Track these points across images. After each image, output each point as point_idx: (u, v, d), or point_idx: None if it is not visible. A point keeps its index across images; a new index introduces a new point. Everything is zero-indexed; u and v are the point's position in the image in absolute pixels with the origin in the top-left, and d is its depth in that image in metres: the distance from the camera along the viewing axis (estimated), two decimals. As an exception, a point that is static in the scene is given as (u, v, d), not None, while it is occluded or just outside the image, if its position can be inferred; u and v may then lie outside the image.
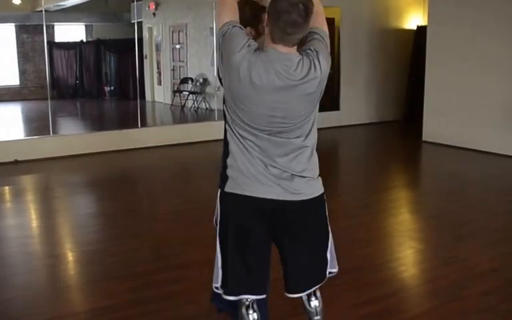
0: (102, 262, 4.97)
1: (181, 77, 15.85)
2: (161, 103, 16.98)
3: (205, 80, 14.76)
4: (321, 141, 2.85)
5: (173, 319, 3.86)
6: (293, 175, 2.64)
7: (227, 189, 2.68)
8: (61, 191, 7.82)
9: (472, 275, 4.65)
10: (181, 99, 15.46)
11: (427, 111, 10.53)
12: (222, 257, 2.70)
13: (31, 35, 19.18)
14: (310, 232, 2.76)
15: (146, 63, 17.55)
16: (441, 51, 10.17)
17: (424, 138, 10.51)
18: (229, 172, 2.67)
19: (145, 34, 17.53)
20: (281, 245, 2.77)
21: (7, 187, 7.93)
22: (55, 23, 18.85)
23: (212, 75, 14.32)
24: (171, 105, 15.98)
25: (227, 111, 2.65)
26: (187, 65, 15.88)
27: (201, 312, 3.80)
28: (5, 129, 12.92)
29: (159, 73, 17.45)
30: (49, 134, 9.85)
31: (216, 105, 13.43)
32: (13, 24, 18.80)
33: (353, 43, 12.11)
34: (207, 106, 14.51)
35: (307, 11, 2.46)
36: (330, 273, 2.86)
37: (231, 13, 2.63)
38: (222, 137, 2.78)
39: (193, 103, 14.87)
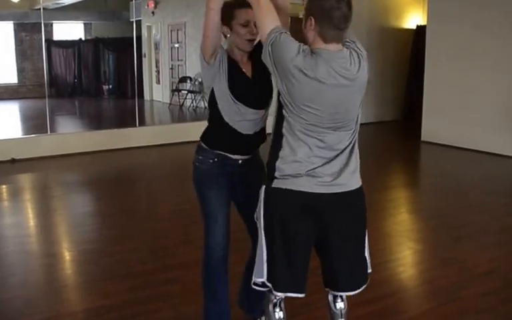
0: (99, 261, 4.95)
1: (180, 76, 15.84)
2: (160, 101, 16.96)
3: (204, 79, 14.75)
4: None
5: (170, 319, 3.83)
6: (342, 168, 2.65)
7: (276, 185, 2.64)
8: (58, 189, 7.80)
9: (471, 276, 4.64)
10: (179, 98, 15.45)
11: (426, 110, 10.52)
12: (268, 253, 2.67)
13: (29, 33, 19.14)
14: (354, 224, 2.77)
15: (145, 61, 17.53)
16: (440, 50, 10.16)
17: (423, 138, 10.50)
18: (282, 168, 2.63)
19: (144, 32, 17.51)
20: (327, 241, 2.72)
21: (4, 186, 7.90)
22: (54, 21, 18.83)
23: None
24: (170, 103, 15.96)
25: (288, 114, 2.59)
26: (185, 63, 15.86)
27: (199, 313, 3.75)
28: (2, 127, 12.88)
29: (158, 72, 17.43)
30: (47, 132, 9.82)
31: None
32: (11, 22, 18.76)
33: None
34: (206, 105, 14.44)
35: (351, 2, 2.52)
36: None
37: (273, 18, 2.61)
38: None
39: (192, 102, 14.86)
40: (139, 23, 17.15)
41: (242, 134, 3.09)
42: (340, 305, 2.89)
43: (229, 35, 3.07)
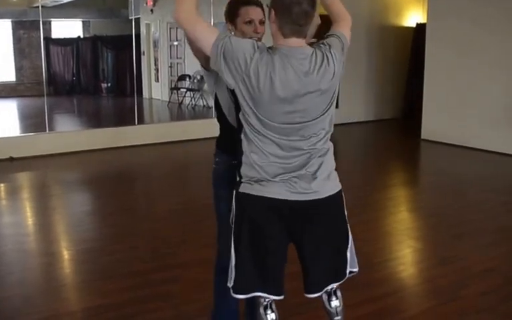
0: (98, 260, 4.93)
1: (179, 74, 15.83)
2: (158, 100, 16.94)
3: (203, 77, 14.70)
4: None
5: (171, 319, 3.82)
6: (311, 174, 2.60)
7: (242, 189, 2.61)
8: (56, 188, 7.78)
9: (471, 275, 4.63)
10: (178, 96, 15.43)
11: (426, 108, 10.50)
12: (235, 256, 2.63)
13: (27, 31, 19.13)
14: (329, 230, 2.72)
15: (143, 59, 17.50)
16: (440, 47, 10.14)
17: (423, 136, 10.48)
18: (244, 173, 2.61)
19: (143, 30, 17.48)
20: (300, 245, 2.70)
21: (2, 184, 7.89)
22: (52, 19, 18.80)
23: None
24: (169, 102, 15.94)
25: (245, 119, 2.55)
26: (184, 62, 15.85)
27: (199, 312, 3.75)
28: (0, 125, 12.88)
29: (157, 70, 17.40)
30: (45, 131, 9.79)
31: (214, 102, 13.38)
32: (10, 20, 18.74)
33: (351, 40, 11.98)
34: (205, 103, 14.48)
35: (314, 0, 2.48)
36: (350, 272, 2.80)
37: (211, 30, 2.55)
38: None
39: (191, 100, 14.84)
40: (137, 20, 17.12)
41: None
42: (335, 303, 2.85)
43: (233, 33, 3.06)
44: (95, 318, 3.84)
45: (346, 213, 2.76)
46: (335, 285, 2.79)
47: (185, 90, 15.20)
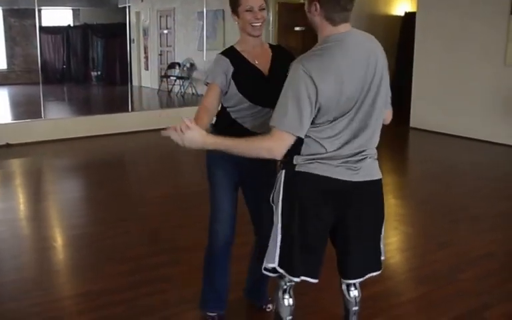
0: (95, 245, 4.93)
1: (169, 62, 15.78)
2: (148, 87, 16.90)
3: (192, 65, 14.71)
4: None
5: (173, 301, 3.84)
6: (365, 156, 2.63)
7: (298, 168, 2.60)
8: (52, 174, 7.81)
9: (467, 260, 4.69)
10: (168, 84, 15.39)
11: (415, 97, 10.56)
12: (283, 237, 2.63)
13: (18, 19, 18.94)
14: (374, 217, 2.76)
15: (133, 47, 17.43)
16: (429, 36, 10.19)
17: (412, 124, 10.55)
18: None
19: (132, 18, 17.40)
20: (345, 229, 2.70)
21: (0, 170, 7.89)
22: (42, 7, 18.61)
23: (199, 60, 14.26)
24: (158, 89, 15.90)
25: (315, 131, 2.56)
26: (174, 49, 15.82)
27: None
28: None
29: (146, 58, 17.35)
30: (41, 117, 9.78)
31: (203, 90, 13.38)
32: (0, 8, 18.55)
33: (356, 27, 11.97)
34: (194, 91, 14.46)
35: None
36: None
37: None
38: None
39: (180, 88, 14.82)
40: (127, 8, 17.03)
41: (250, 131, 3.06)
42: (354, 293, 2.89)
43: (237, 23, 3.11)
44: (95, 302, 3.84)
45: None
46: (374, 274, 2.82)
47: (174, 78, 15.16)
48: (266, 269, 2.70)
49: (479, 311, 3.81)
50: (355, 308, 2.90)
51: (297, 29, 12.19)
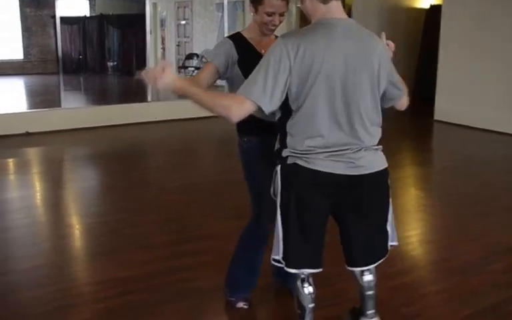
0: (118, 233, 4.88)
1: (186, 53, 15.76)
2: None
3: (211, 56, 14.68)
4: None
5: (200, 289, 3.81)
6: (358, 148, 2.60)
7: (289, 162, 2.60)
8: (73, 163, 7.83)
9: (497, 251, 4.62)
10: (186, 75, 15.37)
11: (440, 90, 10.45)
12: (283, 230, 2.63)
13: (33, 9, 19.03)
14: (374, 205, 2.73)
15: (150, 38, 17.41)
16: (455, 28, 10.07)
17: (436, 117, 10.45)
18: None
19: (149, 9, 17.37)
20: (344, 219, 2.71)
21: (19, 158, 7.90)
22: (58, -3, 18.70)
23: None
24: (176, 80, 15.90)
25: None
26: (192, 40, 15.78)
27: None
28: (12, 101, 12.86)
29: (163, 49, 17.34)
30: (60, 106, 9.80)
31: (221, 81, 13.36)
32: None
33: (363, 21, 11.86)
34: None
35: None
36: (391, 246, 2.82)
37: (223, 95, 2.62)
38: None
39: (199, 79, 14.78)
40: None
41: (267, 122, 2.99)
42: (368, 277, 2.87)
43: (252, 14, 3.10)
44: (118, 289, 3.80)
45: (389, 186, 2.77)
46: (380, 261, 2.80)
47: (192, 69, 15.14)
48: (274, 260, 2.71)
49: (508, 302, 3.76)
50: (369, 292, 2.89)
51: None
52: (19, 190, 6.47)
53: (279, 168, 2.66)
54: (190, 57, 15.45)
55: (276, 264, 2.71)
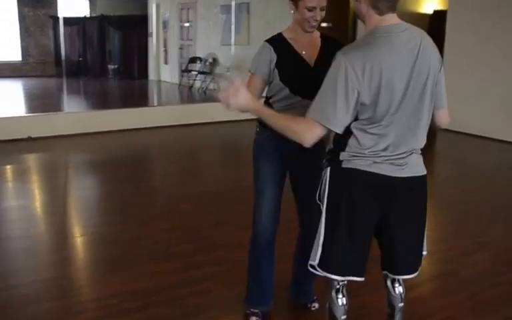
0: (132, 243, 4.85)
1: (189, 56, 15.66)
2: (168, 82, 16.80)
3: (215, 60, 14.59)
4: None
5: (220, 301, 3.79)
6: (416, 154, 2.62)
7: (345, 164, 2.57)
8: (78, 169, 7.76)
9: (507, 261, 4.61)
10: (189, 79, 15.29)
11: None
12: (325, 236, 2.60)
13: (32, 9, 18.84)
14: (419, 210, 2.72)
15: (152, 41, 17.35)
16: (461, 35, 10.05)
17: (440, 125, 10.38)
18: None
19: (151, 11, 17.32)
20: (390, 224, 2.67)
21: (23, 165, 7.87)
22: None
23: (222, 55, 14.15)
24: (179, 84, 15.79)
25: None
26: (195, 43, 15.70)
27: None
28: (12, 105, 12.78)
29: (166, 52, 17.25)
30: (62, 110, 9.75)
31: (227, 86, 13.32)
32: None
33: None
34: (216, 86, 14.35)
35: None
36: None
37: (298, 119, 2.53)
38: (232, 117, 2.70)
39: (202, 84, 14.66)
40: (145, 1, 16.97)
41: None
42: (399, 289, 2.87)
43: (292, 12, 3.05)
44: (140, 301, 3.77)
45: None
46: (417, 273, 2.79)
47: (196, 73, 15.04)
48: (312, 267, 2.67)
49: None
50: (401, 304, 2.89)
51: (323, 25, 12.10)
52: (23, 198, 6.37)
53: (328, 170, 2.63)
54: (193, 60, 15.33)
55: (313, 271, 2.67)
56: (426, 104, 2.54)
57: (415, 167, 2.63)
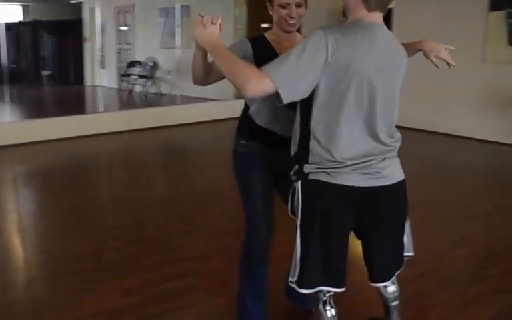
0: (99, 257, 4.52)
1: (128, 60, 15.32)
2: (106, 87, 16.38)
3: (155, 64, 14.35)
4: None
5: (208, 314, 3.60)
6: (383, 157, 2.47)
7: (311, 177, 2.44)
8: (25, 182, 7.32)
9: (487, 256, 4.62)
10: (128, 83, 14.94)
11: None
12: (301, 250, 2.47)
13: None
14: (396, 216, 2.62)
15: (87, 46, 16.92)
16: (408, 33, 10.10)
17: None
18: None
19: (86, 15, 16.88)
20: (367, 234, 2.58)
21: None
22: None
23: (162, 58, 13.94)
24: (119, 89, 15.42)
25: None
26: (134, 47, 15.39)
27: (229, 306, 3.50)
28: None
29: (103, 56, 16.83)
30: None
31: (168, 89, 13.15)
32: None
33: (312, 23, 11.87)
34: (157, 90, 14.12)
35: None
36: (406, 256, 2.72)
37: (250, 67, 2.35)
38: (179, 121, 2.53)
39: (143, 88, 14.40)
40: (79, 5, 16.55)
41: (278, 135, 2.86)
42: (392, 288, 2.83)
43: (271, 13, 2.93)
44: None
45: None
46: (398, 272, 2.72)
47: (135, 77, 14.72)
48: (292, 282, 2.55)
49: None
50: (395, 303, 2.85)
51: (263, 25, 12.00)
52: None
53: (299, 184, 2.49)
54: (132, 64, 15.02)
55: (294, 286, 2.55)
56: (396, 103, 2.50)
57: (389, 174, 2.51)
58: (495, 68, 9.16)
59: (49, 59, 18.22)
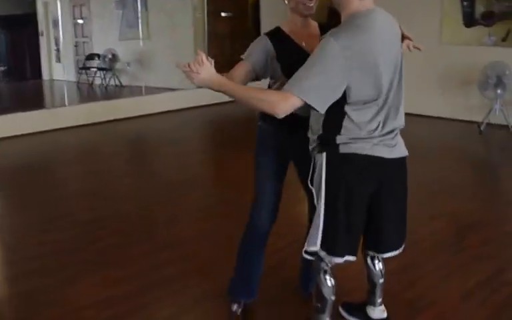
0: (87, 249, 4.47)
1: (86, 53, 15.08)
2: (63, 81, 16.05)
3: (114, 56, 14.17)
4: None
5: (206, 295, 3.62)
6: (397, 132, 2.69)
7: (342, 149, 2.56)
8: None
9: (464, 227, 4.79)
10: (88, 76, 14.73)
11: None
12: (325, 219, 2.59)
13: None
14: (403, 189, 2.81)
15: (42, 39, 16.57)
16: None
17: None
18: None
19: (40, 8, 16.53)
20: (380, 204, 2.71)
21: None
22: None
23: (121, 50, 13.80)
24: (78, 82, 15.15)
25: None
26: (91, 40, 15.15)
27: (219, 288, 3.56)
28: None
29: (58, 50, 16.49)
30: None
31: (128, 81, 13.06)
32: None
33: (275, 16, 11.94)
34: (117, 82, 13.98)
35: None
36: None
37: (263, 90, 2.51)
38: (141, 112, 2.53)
39: (102, 80, 14.24)
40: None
41: (300, 116, 2.83)
42: (379, 265, 3.00)
43: (286, 2, 2.95)
44: (107, 312, 3.47)
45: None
46: (401, 249, 2.88)
47: (95, 70, 14.53)
48: (306, 252, 2.70)
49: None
50: (381, 280, 3.02)
51: (223, 14, 12.00)
52: None
53: (324, 155, 2.59)
54: (91, 57, 14.77)
55: (307, 256, 2.70)
56: (403, 82, 2.65)
57: (401, 148, 2.71)
58: (452, 49, 9.40)
59: (3, 55, 17.77)
